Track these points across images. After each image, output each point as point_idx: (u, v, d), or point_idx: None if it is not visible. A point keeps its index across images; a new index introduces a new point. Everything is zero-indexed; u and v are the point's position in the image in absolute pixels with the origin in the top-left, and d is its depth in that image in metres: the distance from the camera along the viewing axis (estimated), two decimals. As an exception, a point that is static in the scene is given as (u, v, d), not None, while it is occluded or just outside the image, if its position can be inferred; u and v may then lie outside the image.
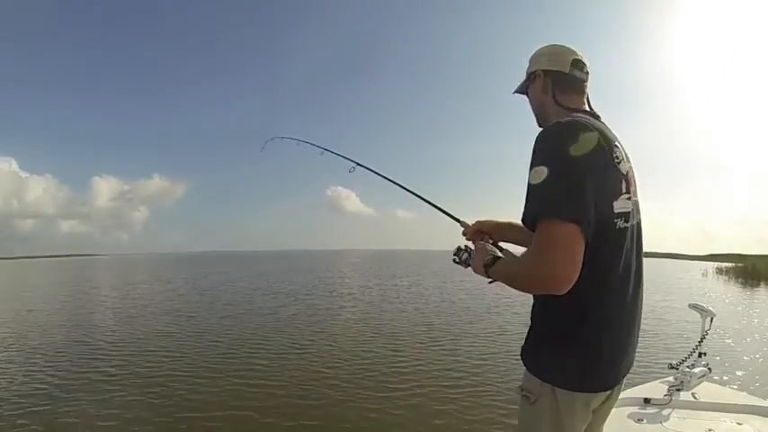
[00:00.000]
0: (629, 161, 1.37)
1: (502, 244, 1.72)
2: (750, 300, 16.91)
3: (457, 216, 1.97)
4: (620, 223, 1.27)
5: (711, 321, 3.00)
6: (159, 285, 22.83)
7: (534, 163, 1.24)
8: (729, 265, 32.83)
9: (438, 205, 2.10)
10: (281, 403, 5.24)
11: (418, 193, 2.22)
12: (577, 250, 1.15)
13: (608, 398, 1.42)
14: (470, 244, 1.74)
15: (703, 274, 31.44)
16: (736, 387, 4.79)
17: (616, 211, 1.26)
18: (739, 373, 6.53)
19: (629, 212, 1.30)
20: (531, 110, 1.65)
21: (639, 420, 2.54)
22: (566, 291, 1.15)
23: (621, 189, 1.28)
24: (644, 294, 1.44)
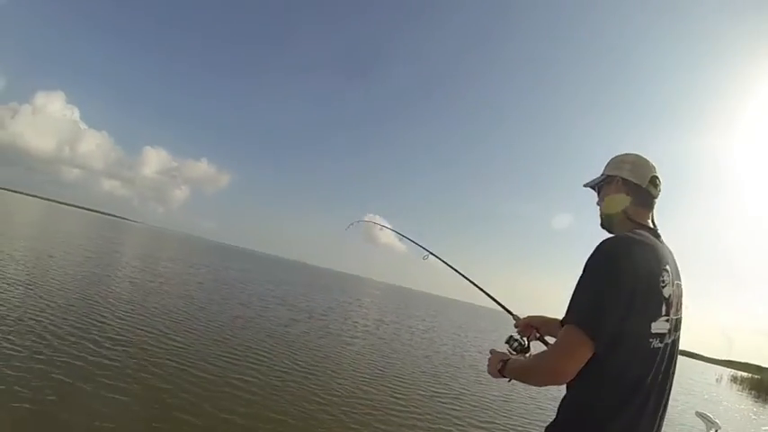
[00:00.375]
0: (678, 279, 1.48)
1: (548, 338, 1.92)
2: (759, 415, 16.33)
3: (510, 308, 2.20)
4: (655, 343, 1.36)
5: None
6: (182, 267, 23.05)
7: (583, 270, 1.39)
8: (745, 374, 32.52)
9: (495, 298, 2.35)
10: (265, 418, 5.09)
11: (480, 286, 2.47)
12: (580, 358, 1.29)
13: None
14: (522, 336, 1.93)
15: (717, 379, 30.61)
16: None
17: (653, 331, 1.35)
18: None
19: (664, 333, 1.38)
20: (597, 206, 1.75)
21: None
22: (560, 384, 1.35)
23: (661, 312, 1.37)
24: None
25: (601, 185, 1.71)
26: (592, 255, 1.38)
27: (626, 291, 1.30)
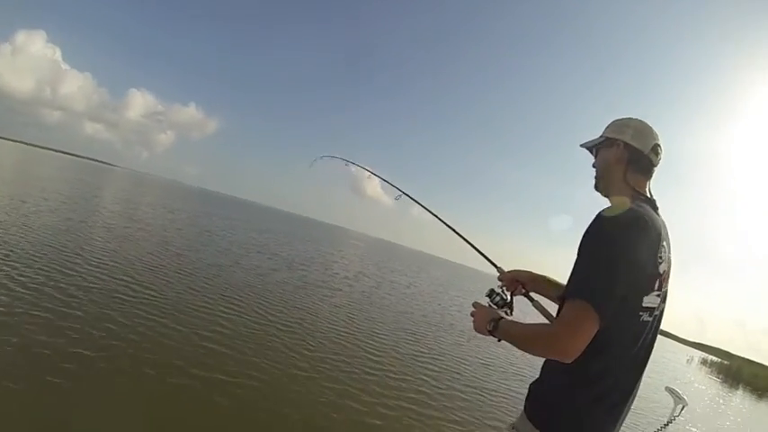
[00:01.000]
0: (670, 252, 1.47)
1: (534, 295, 1.85)
2: (725, 399, 17.08)
3: (494, 261, 2.08)
4: (645, 317, 1.38)
5: (682, 409, 3.06)
6: (161, 213, 22.67)
7: (586, 244, 1.36)
8: (716, 359, 33.26)
9: (478, 248, 2.23)
10: (232, 370, 5.03)
11: (459, 232, 2.32)
12: (588, 336, 1.26)
13: None
14: (505, 289, 1.86)
15: (688, 360, 31.70)
16: None
17: (644, 305, 1.37)
18: None
19: (654, 307, 1.41)
20: (594, 167, 1.69)
21: None
22: (567, 362, 1.29)
23: (654, 287, 1.38)
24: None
25: (599, 147, 1.67)
26: (601, 226, 1.36)
27: (635, 269, 1.31)
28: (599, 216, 1.37)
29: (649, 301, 1.38)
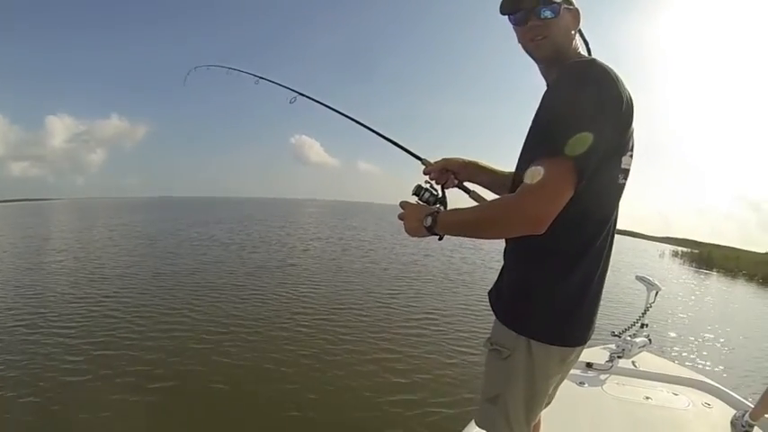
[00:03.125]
0: None
1: (468, 185, 1.62)
2: (701, 283, 17.70)
3: (418, 154, 1.77)
4: (621, 179, 1.24)
5: (656, 295, 3.15)
6: (99, 233, 21.15)
7: (558, 93, 1.17)
8: (685, 249, 34.27)
9: (396, 141, 1.88)
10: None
11: (371, 127, 1.97)
12: (564, 200, 1.08)
13: (577, 355, 1.37)
14: (434, 183, 1.59)
15: (660, 255, 32.53)
16: (674, 360, 4.75)
17: (622, 166, 1.22)
18: (678, 348, 6.85)
19: (629, 170, 1.26)
20: (534, 40, 1.31)
21: (581, 384, 2.66)
22: (540, 233, 1.08)
23: (629, 146, 1.23)
24: None
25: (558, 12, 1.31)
26: (576, 77, 1.15)
27: (620, 121, 1.14)
28: (568, 66, 1.20)
29: (626, 162, 1.23)
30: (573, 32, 1.31)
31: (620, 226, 1.36)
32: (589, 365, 2.86)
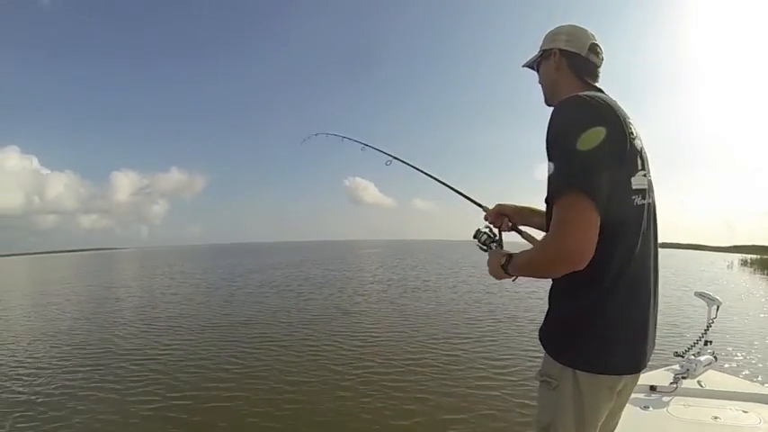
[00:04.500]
0: (640, 138, 1.35)
1: (522, 228, 1.76)
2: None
3: (479, 201, 1.98)
4: (638, 200, 1.28)
5: (717, 310, 3.06)
6: (162, 281, 22.17)
7: (550, 141, 1.26)
8: (754, 256, 32.46)
9: (462, 191, 2.08)
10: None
11: (447, 183, 2.17)
12: (592, 225, 1.15)
13: (630, 382, 1.41)
14: (492, 227, 1.77)
15: (728, 266, 30.69)
16: (742, 376, 4.65)
17: (634, 187, 1.26)
18: (746, 363, 6.52)
19: (645, 190, 1.30)
20: (540, 86, 1.63)
21: (645, 408, 2.57)
22: (584, 265, 1.15)
23: (638, 165, 1.28)
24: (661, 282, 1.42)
25: (539, 62, 1.60)
26: (556, 119, 1.28)
27: (610, 143, 1.19)
28: (553, 110, 1.30)
29: (638, 182, 1.27)
30: (560, 74, 1.52)
31: (681, 240, 1.25)
32: (653, 388, 2.79)
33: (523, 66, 1.70)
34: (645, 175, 1.31)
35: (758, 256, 31.72)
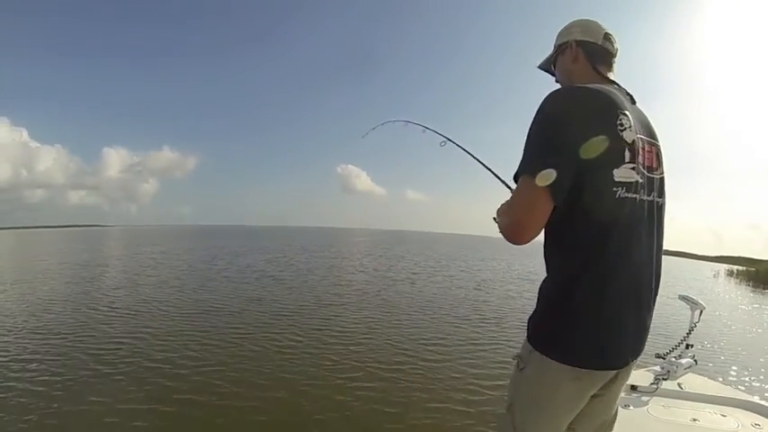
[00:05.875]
0: (643, 133, 1.34)
1: None
2: (755, 303, 16.91)
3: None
4: (621, 192, 1.24)
5: (701, 314, 3.09)
6: (153, 257, 22.28)
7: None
8: (741, 268, 33.17)
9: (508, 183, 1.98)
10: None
11: (496, 172, 2.13)
12: (534, 208, 1.19)
13: (612, 382, 1.37)
14: None
15: (714, 275, 31.55)
16: (721, 381, 4.70)
17: (616, 179, 1.23)
18: (725, 368, 6.68)
19: (633, 183, 1.27)
20: (556, 85, 1.60)
21: (626, 406, 2.60)
22: (524, 242, 1.22)
23: (624, 158, 1.26)
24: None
25: (556, 60, 1.61)
26: (540, 106, 1.29)
27: (574, 131, 1.20)
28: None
29: (622, 174, 1.24)
30: (576, 64, 1.52)
31: (668, 247, 1.40)
32: (633, 387, 2.81)
33: (539, 67, 1.71)
34: (634, 168, 1.27)
35: (744, 268, 32.42)
